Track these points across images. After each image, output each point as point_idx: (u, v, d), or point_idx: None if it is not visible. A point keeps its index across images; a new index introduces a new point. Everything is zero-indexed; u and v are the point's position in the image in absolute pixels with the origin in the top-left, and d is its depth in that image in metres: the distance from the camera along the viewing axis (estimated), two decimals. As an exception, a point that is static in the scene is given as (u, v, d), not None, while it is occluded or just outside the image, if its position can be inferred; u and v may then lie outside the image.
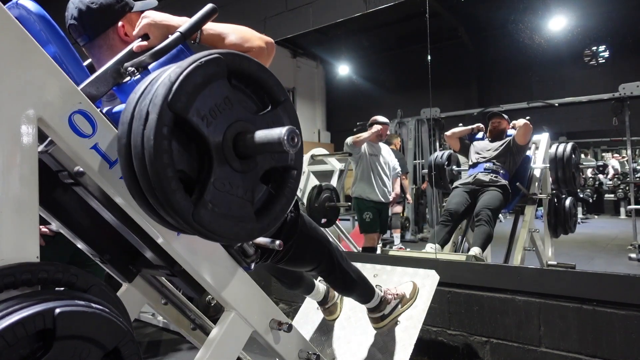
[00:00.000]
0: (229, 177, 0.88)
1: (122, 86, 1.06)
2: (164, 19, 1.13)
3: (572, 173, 3.30)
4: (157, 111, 0.78)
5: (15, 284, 0.76)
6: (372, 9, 2.94)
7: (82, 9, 1.13)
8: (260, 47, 1.18)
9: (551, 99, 5.94)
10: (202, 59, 0.83)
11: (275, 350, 1.32)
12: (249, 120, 0.91)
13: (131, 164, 0.82)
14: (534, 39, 5.63)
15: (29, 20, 0.97)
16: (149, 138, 0.78)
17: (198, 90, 0.82)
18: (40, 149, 0.91)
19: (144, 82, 0.87)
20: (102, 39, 1.17)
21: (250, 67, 0.91)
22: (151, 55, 1.03)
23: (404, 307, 1.86)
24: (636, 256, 3.98)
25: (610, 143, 8.16)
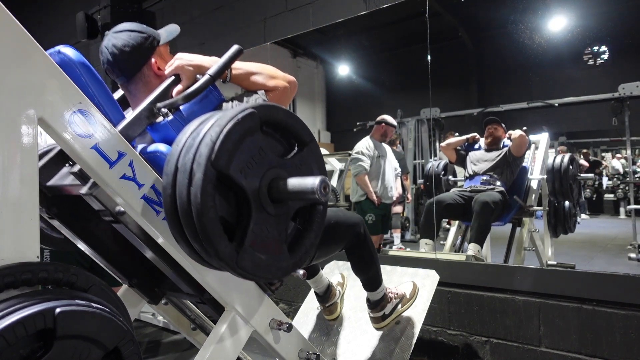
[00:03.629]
0: (265, 221, 0.96)
1: (155, 125, 1.13)
2: (194, 60, 1.20)
3: (570, 185, 3.25)
4: (202, 170, 0.85)
5: (15, 284, 0.76)
6: (372, 9, 2.94)
7: (116, 53, 1.18)
8: (284, 86, 1.27)
9: (551, 99, 5.94)
10: (238, 115, 0.90)
11: (275, 350, 1.32)
12: (280, 165, 0.98)
13: (176, 212, 0.89)
14: (534, 39, 5.63)
15: (70, 66, 1.04)
16: (196, 195, 0.85)
17: (237, 147, 0.89)
18: (85, 191, 0.98)
19: (184, 134, 0.93)
20: (138, 77, 1.22)
21: (279, 115, 0.99)
22: (183, 98, 1.11)
23: (404, 307, 1.86)
24: (636, 256, 3.97)
25: (610, 143, 8.15)
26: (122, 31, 1.21)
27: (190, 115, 1.14)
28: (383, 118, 3.93)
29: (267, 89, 1.26)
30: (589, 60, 6.39)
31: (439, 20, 5.95)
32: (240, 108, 0.92)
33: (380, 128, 3.91)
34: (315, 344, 1.95)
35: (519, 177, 3.36)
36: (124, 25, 1.23)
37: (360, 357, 1.83)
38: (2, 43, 0.77)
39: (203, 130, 0.89)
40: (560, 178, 3.22)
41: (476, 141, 3.60)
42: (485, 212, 3.01)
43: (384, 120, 3.91)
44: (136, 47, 1.20)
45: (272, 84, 1.26)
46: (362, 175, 3.79)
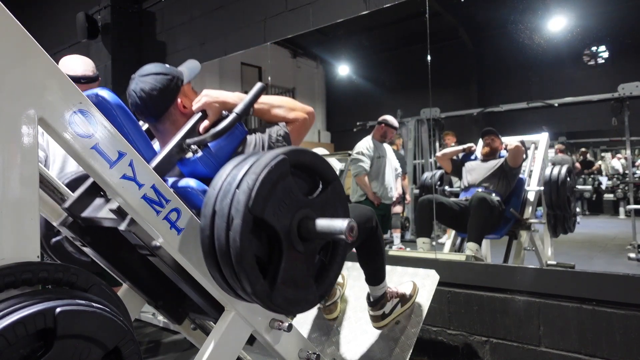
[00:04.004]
0: (295, 258, 1.03)
1: (184, 160, 1.21)
2: (220, 97, 1.26)
3: (567, 197, 3.16)
4: (241, 217, 0.91)
5: (15, 284, 0.76)
6: (372, 9, 2.94)
7: (145, 97, 1.23)
8: (304, 117, 1.35)
9: (551, 99, 5.94)
10: (271, 162, 0.96)
11: (275, 350, 1.32)
12: (307, 204, 1.04)
13: (214, 251, 0.96)
14: (534, 39, 5.63)
15: (107, 108, 1.11)
16: (235, 240, 0.92)
17: (271, 192, 0.96)
18: (123, 227, 1.03)
19: (220, 177, 1.00)
20: (165, 117, 1.27)
21: (306, 158, 1.06)
22: (212, 136, 1.18)
23: (404, 306, 1.86)
24: (635, 256, 3.98)
25: (609, 143, 8.16)
26: (148, 75, 1.25)
27: (218, 150, 1.20)
28: (384, 119, 3.93)
29: (287, 121, 1.33)
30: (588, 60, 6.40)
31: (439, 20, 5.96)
32: (272, 154, 0.98)
33: (380, 129, 3.91)
34: (315, 344, 1.95)
35: (516, 189, 3.30)
36: (149, 68, 1.27)
37: (360, 357, 1.84)
38: (2, 43, 0.77)
39: (238, 175, 0.96)
40: (557, 190, 3.13)
41: (472, 151, 3.56)
42: (483, 209, 2.98)
43: (384, 120, 3.91)
44: (163, 90, 1.24)
45: (292, 116, 1.33)
46: (362, 175, 3.79)
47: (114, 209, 1.03)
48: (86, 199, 1.13)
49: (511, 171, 3.23)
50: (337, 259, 1.15)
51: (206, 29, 4.04)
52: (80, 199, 1.12)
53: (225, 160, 1.17)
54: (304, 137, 1.44)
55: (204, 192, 1.15)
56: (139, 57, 4.62)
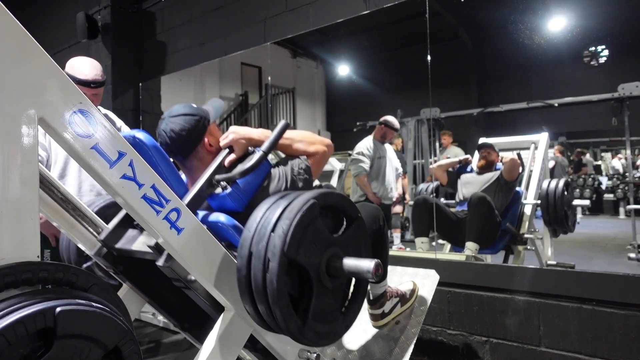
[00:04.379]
0: (324, 295, 1.09)
1: (213, 195, 1.28)
2: (246, 134, 1.35)
3: (565, 212, 3.08)
4: (277, 260, 0.98)
5: (16, 283, 0.76)
6: (372, 9, 2.94)
7: (174, 137, 1.31)
8: (323, 150, 1.44)
9: (551, 99, 5.94)
10: (303, 207, 1.03)
11: (275, 350, 1.32)
12: (334, 242, 1.11)
13: (250, 290, 1.03)
14: (534, 39, 5.63)
15: (143, 149, 1.20)
16: (272, 281, 0.98)
17: (303, 236, 1.03)
18: (161, 263, 1.09)
19: (254, 220, 1.07)
20: (193, 155, 1.35)
21: (333, 199, 1.13)
22: (240, 174, 1.25)
23: (404, 306, 1.86)
24: (635, 256, 3.98)
25: (609, 143, 8.16)
26: (178, 116, 1.33)
27: (245, 186, 1.28)
28: (384, 119, 3.93)
29: (308, 154, 1.41)
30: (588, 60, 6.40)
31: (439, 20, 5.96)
32: (303, 199, 1.06)
33: (381, 129, 3.91)
34: (315, 344, 1.95)
35: (512, 203, 3.24)
36: (178, 109, 1.35)
37: (360, 357, 1.84)
38: (2, 43, 0.77)
39: (272, 219, 1.03)
40: (554, 205, 3.05)
41: (469, 163, 3.53)
42: (482, 207, 2.96)
43: (385, 121, 3.91)
44: (191, 130, 1.31)
45: (313, 150, 1.42)
46: (362, 176, 3.79)
47: (151, 245, 1.10)
48: (120, 230, 1.22)
49: (507, 184, 3.19)
50: (360, 292, 1.22)
51: (206, 29, 4.04)
52: (114, 230, 1.21)
53: (252, 194, 1.30)
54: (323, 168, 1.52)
55: (233, 226, 1.23)
56: (139, 57, 4.63)
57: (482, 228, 2.96)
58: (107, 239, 1.20)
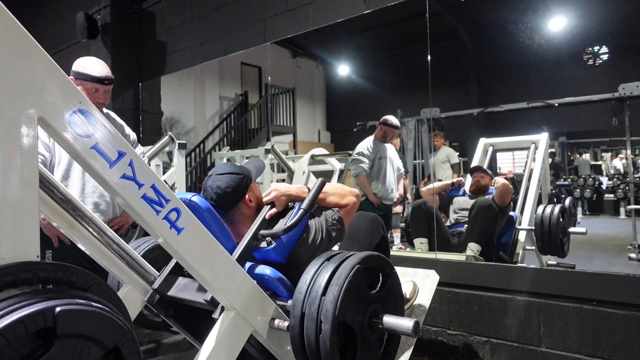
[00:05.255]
0: (367, 347, 1.19)
1: (258, 248, 1.39)
2: (287, 191, 1.49)
3: (560, 239, 2.89)
4: (330, 323, 1.09)
5: (15, 283, 0.76)
6: (372, 9, 2.94)
7: (220, 194, 1.43)
8: (354, 202, 1.58)
9: (551, 99, 5.94)
10: (350, 273, 1.14)
11: (275, 350, 1.32)
12: (374, 299, 1.21)
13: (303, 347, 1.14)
14: (534, 39, 5.63)
15: (198, 211, 1.31)
16: (324, 342, 1.09)
17: (351, 299, 1.13)
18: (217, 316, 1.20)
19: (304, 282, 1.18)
20: (235, 209, 1.47)
21: (373, 260, 1.23)
22: (284, 230, 1.35)
23: (404, 306, 1.86)
24: (636, 256, 3.97)
25: (609, 143, 8.16)
26: (224, 174, 1.46)
27: (287, 239, 1.39)
28: (384, 119, 3.92)
29: (340, 206, 1.56)
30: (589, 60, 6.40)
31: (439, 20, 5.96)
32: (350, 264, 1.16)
33: (381, 129, 3.90)
34: (315, 344, 1.95)
35: (505, 230, 3.11)
36: (225, 168, 1.49)
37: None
38: (2, 43, 0.77)
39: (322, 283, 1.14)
40: (549, 232, 2.86)
41: (461, 186, 3.46)
42: (487, 212, 2.93)
43: (385, 121, 3.91)
44: (235, 187, 1.44)
45: (344, 202, 1.56)
46: (362, 176, 3.79)
47: (207, 300, 1.21)
48: (171, 278, 1.34)
49: (499, 210, 3.05)
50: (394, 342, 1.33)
51: (206, 29, 4.04)
52: (166, 280, 1.33)
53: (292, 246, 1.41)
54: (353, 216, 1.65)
55: (278, 279, 1.34)
56: (138, 57, 4.63)
57: (485, 230, 2.92)
58: (160, 287, 1.31)
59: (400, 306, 1.30)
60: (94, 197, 2.10)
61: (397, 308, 1.27)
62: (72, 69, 2.02)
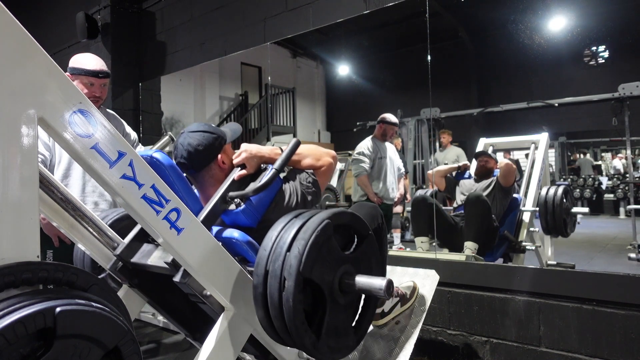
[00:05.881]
0: (337, 310, 1.12)
1: (227, 211, 1.31)
2: (258, 152, 1.41)
3: (563, 219, 3.02)
4: (293, 279, 1.01)
5: (15, 283, 0.76)
6: (372, 9, 2.94)
7: (191, 151, 1.35)
8: (329, 163, 1.50)
9: (551, 99, 5.94)
10: (318, 227, 1.06)
11: (276, 350, 1.32)
12: (346, 260, 1.13)
13: (266, 307, 1.06)
14: (534, 39, 5.63)
15: (160, 168, 1.24)
16: (288, 300, 1.01)
17: (318, 255, 1.05)
18: (178, 279, 1.12)
19: (269, 239, 1.09)
20: (205, 170, 1.39)
21: (345, 218, 1.15)
22: (254, 191, 1.28)
23: (404, 306, 1.86)
24: (635, 256, 3.97)
25: (609, 143, 8.16)
26: (197, 131, 1.38)
27: (258, 202, 1.32)
28: (382, 117, 3.93)
29: (315, 168, 1.48)
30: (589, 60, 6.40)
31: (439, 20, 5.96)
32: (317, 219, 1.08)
33: (380, 128, 3.91)
34: (315, 344, 1.95)
35: (510, 210, 3.21)
36: (198, 126, 1.40)
37: (360, 357, 1.84)
38: (2, 43, 0.77)
39: (288, 239, 1.06)
40: (553, 212, 2.99)
41: (467, 169, 3.53)
42: (479, 205, 2.95)
43: (382, 119, 3.91)
44: (208, 147, 1.36)
45: (320, 164, 1.48)
46: (362, 176, 3.79)
47: (168, 262, 1.13)
48: (135, 244, 1.25)
49: (503, 190, 3.16)
50: (371, 306, 1.25)
51: (206, 29, 4.04)
52: (129, 245, 1.24)
53: (264, 210, 1.34)
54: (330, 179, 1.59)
55: (247, 242, 1.26)
56: (138, 57, 4.62)
57: (479, 227, 2.95)
58: (123, 253, 1.23)
59: (377, 269, 1.21)
60: (94, 196, 2.11)
61: (372, 271, 1.18)
62: (68, 66, 2.03)
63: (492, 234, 3.04)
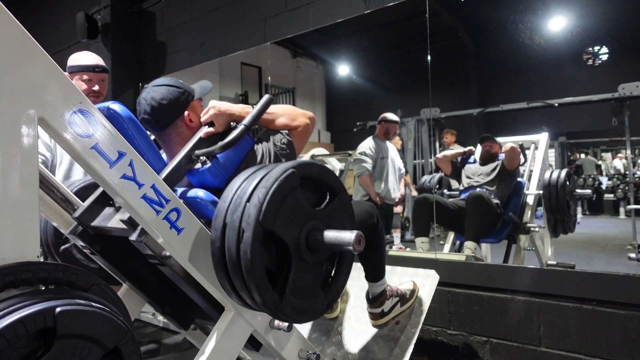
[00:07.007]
0: (303, 268, 1.05)
1: (192, 171, 1.23)
2: (227, 109, 1.31)
3: (567, 201, 3.16)
4: (251, 230, 0.93)
5: (15, 283, 0.76)
6: (372, 9, 2.94)
7: (154, 106, 1.26)
8: (305, 123, 1.41)
9: (551, 99, 5.93)
10: (281, 176, 0.99)
11: (275, 350, 1.32)
12: (315, 215, 1.06)
13: (224, 263, 0.98)
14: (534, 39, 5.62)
15: (118, 120, 1.15)
16: (245, 252, 0.93)
17: (280, 205, 0.98)
18: (134, 238, 1.06)
19: (230, 190, 1.02)
20: (171, 128, 1.30)
21: (314, 170, 1.08)
22: (220, 147, 1.20)
23: (404, 306, 1.86)
24: (635, 256, 3.97)
25: (609, 143, 8.16)
26: (161, 85, 1.29)
27: (226, 161, 1.24)
28: (383, 116, 3.94)
29: (290, 128, 1.39)
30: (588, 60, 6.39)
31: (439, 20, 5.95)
32: (281, 168, 1.01)
33: (382, 127, 3.91)
34: (315, 344, 1.95)
35: (515, 192, 3.29)
36: (163, 80, 1.32)
37: (360, 357, 1.84)
38: (2, 43, 0.77)
39: (249, 189, 0.98)
40: (557, 194, 3.12)
41: (472, 154, 3.57)
42: (480, 206, 2.98)
43: (384, 118, 3.92)
44: (173, 101, 1.27)
45: (295, 124, 1.39)
46: (364, 176, 3.79)
47: (124, 220, 1.06)
48: (96, 208, 1.16)
49: (508, 174, 3.24)
50: (344, 268, 1.18)
51: (206, 29, 4.04)
52: (90, 208, 1.15)
53: (234, 170, 1.25)
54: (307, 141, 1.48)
55: (212, 202, 1.18)
56: (139, 57, 4.62)
57: (480, 227, 2.99)
58: (82, 216, 1.15)
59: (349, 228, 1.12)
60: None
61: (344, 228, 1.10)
62: (67, 66, 2.05)
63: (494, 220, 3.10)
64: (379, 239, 1.71)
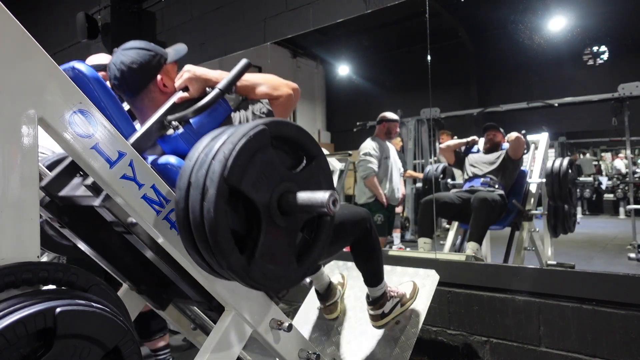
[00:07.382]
0: (275, 233, 0.98)
1: (165, 137, 1.16)
2: (203, 73, 1.24)
3: (569, 189, 3.26)
4: (215, 187, 0.87)
5: (16, 283, 0.76)
6: (372, 9, 2.94)
7: (124, 70, 1.20)
8: (288, 93, 1.31)
9: (551, 99, 5.94)
10: (250, 132, 0.92)
11: (275, 350, 1.32)
12: (290, 178, 1.00)
13: (189, 225, 0.91)
14: (534, 39, 5.62)
15: (83, 81, 1.08)
16: (209, 210, 0.87)
17: (248, 162, 0.91)
18: (98, 203, 1.00)
19: (196, 149, 0.96)
20: (144, 93, 1.24)
21: (289, 130, 1.02)
22: (193, 112, 1.14)
23: (404, 306, 1.86)
24: (635, 256, 3.97)
25: (609, 143, 8.16)
26: (131, 49, 1.23)
27: (200, 127, 1.17)
28: (383, 116, 3.92)
29: (271, 97, 1.30)
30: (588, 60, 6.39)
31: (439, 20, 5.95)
32: (251, 124, 0.95)
33: (383, 127, 3.90)
34: (316, 344, 1.95)
35: (518, 181, 3.35)
36: (133, 43, 1.25)
37: (361, 357, 1.84)
38: (2, 43, 0.77)
39: (215, 146, 0.92)
40: (559, 182, 3.21)
41: (475, 144, 3.60)
42: (484, 209, 3.00)
43: (384, 117, 3.91)
44: (144, 65, 1.21)
45: (276, 94, 1.30)
46: (371, 177, 3.76)
47: (88, 185, 1.00)
48: (64, 178, 1.10)
49: (512, 163, 3.28)
50: (321, 236, 1.10)
51: (206, 29, 4.04)
52: (57, 177, 1.09)
53: None
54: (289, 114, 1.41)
55: None
56: (139, 57, 4.62)
57: (483, 229, 3.02)
58: (49, 186, 1.08)
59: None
60: None
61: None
62: None
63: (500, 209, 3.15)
64: (373, 245, 1.69)
